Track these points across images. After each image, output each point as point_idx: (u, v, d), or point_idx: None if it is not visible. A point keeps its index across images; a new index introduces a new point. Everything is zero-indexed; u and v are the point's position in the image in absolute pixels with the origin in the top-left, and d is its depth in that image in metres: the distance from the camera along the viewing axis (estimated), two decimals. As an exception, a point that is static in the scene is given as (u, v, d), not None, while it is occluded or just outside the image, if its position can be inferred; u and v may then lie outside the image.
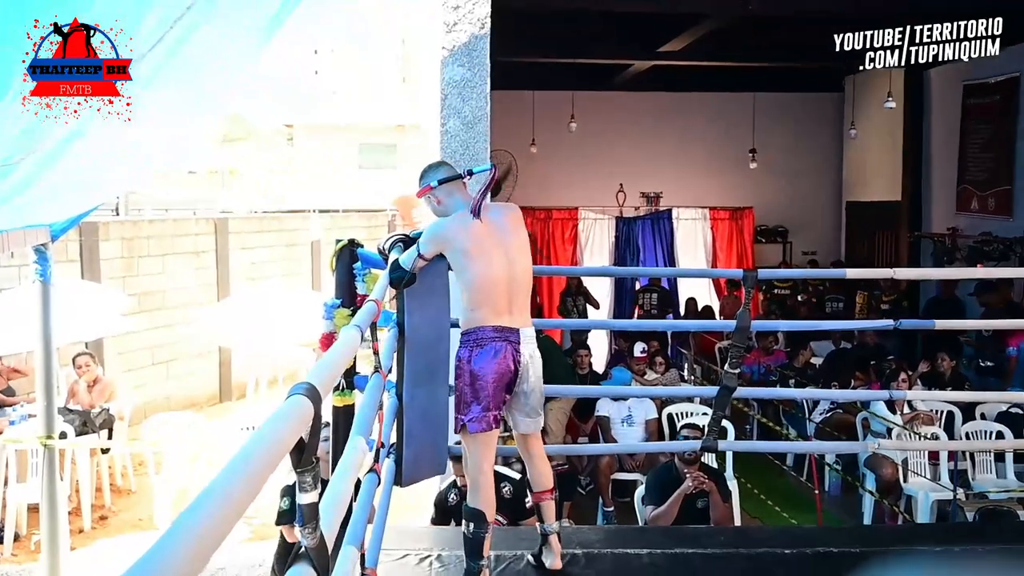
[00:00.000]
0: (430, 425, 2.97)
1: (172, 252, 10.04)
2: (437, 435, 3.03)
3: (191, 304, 10.03)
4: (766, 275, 4.47)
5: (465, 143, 4.71)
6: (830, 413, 6.60)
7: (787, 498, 5.65)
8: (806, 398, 6.70)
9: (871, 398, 5.66)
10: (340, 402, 2.84)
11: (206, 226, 10.72)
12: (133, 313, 8.77)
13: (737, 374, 3.60)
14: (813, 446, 5.81)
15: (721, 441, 4.07)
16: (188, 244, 10.32)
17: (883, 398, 5.27)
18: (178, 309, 9.95)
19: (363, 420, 1.91)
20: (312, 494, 1.15)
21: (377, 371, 2.27)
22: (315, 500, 1.16)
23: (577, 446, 5.95)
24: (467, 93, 4.70)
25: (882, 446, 4.51)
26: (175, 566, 0.73)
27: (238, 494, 0.88)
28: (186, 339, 9.68)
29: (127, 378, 9.12)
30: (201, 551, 0.77)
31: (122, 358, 9.21)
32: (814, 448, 5.81)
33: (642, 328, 7.93)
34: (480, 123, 4.71)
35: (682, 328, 9.33)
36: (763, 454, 6.08)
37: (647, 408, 6.09)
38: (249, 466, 0.94)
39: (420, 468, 2.98)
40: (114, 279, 9.12)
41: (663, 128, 11.02)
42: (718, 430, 3.72)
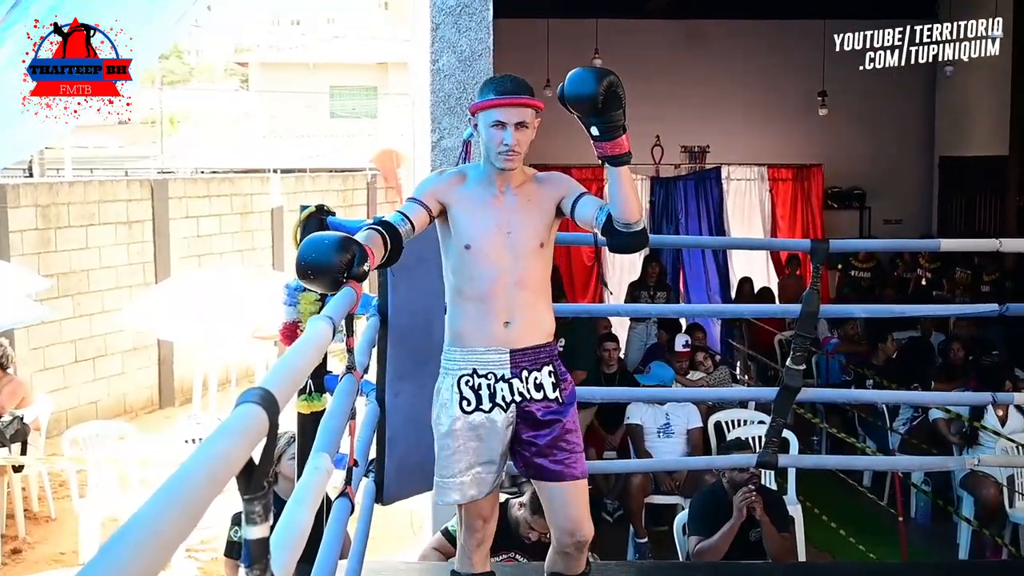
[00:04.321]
0: (418, 428, 2.98)
1: (99, 222, 10.05)
2: (426, 441, 3.03)
3: (122, 287, 10.04)
4: (839, 247, 4.45)
5: (462, 84, 4.69)
6: (918, 420, 6.59)
7: (864, 526, 5.64)
8: (888, 402, 6.69)
9: (969, 402, 5.65)
10: (307, 409, 2.84)
11: (140, 190, 10.73)
12: (51, 298, 8.78)
13: (802, 372, 3.59)
14: (896, 462, 5.80)
15: (782, 455, 4.07)
16: (119, 212, 10.33)
17: (985, 401, 5.25)
18: (107, 293, 9.97)
19: (328, 432, 1.91)
20: (262, 527, 1.14)
21: (350, 371, 2.27)
22: (265, 535, 1.15)
23: (603, 462, 5.94)
24: (464, 22, 4.67)
25: (983, 462, 4.51)
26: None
27: (172, 524, 0.87)
28: (117, 330, 9.71)
29: (44, 378, 9.16)
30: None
31: (37, 354, 9.24)
32: (897, 464, 5.80)
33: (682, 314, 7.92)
34: (481, 59, 4.69)
35: (734, 314, 9.29)
36: (834, 472, 6.07)
37: (689, 415, 6.08)
38: (186, 491, 0.93)
39: (406, 482, 2.99)
40: (26, 256, 9.14)
41: (709, 66, 10.96)
42: (778, 442, 3.71)
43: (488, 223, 2.52)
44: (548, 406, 2.56)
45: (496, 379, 2.53)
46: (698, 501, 4.60)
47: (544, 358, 2.58)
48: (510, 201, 2.54)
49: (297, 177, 14.09)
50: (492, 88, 2.52)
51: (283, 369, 1.44)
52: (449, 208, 2.54)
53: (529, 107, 2.49)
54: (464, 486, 2.53)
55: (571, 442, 2.56)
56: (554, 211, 2.57)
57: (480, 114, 2.52)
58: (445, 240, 2.58)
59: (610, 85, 2.25)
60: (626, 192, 2.39)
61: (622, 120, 2.31)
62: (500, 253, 2.51)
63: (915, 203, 11.38)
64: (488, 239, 2.51)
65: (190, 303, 7.53)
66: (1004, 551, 5.47)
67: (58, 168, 12.65)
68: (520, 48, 9.70)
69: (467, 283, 2.53)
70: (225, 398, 8.73)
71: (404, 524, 5.43)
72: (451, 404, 2.53)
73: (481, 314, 2.52)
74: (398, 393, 2.92)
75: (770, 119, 11.08)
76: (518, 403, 2.55)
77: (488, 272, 2.51)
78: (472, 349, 2.53)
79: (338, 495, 2.24)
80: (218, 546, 6.02)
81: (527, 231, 2.53)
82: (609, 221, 2.44)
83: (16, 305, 7.16)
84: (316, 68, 23.78)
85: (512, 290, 2.52)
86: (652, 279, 9.29)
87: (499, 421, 2.53)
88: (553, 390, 2.57)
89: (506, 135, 2.46)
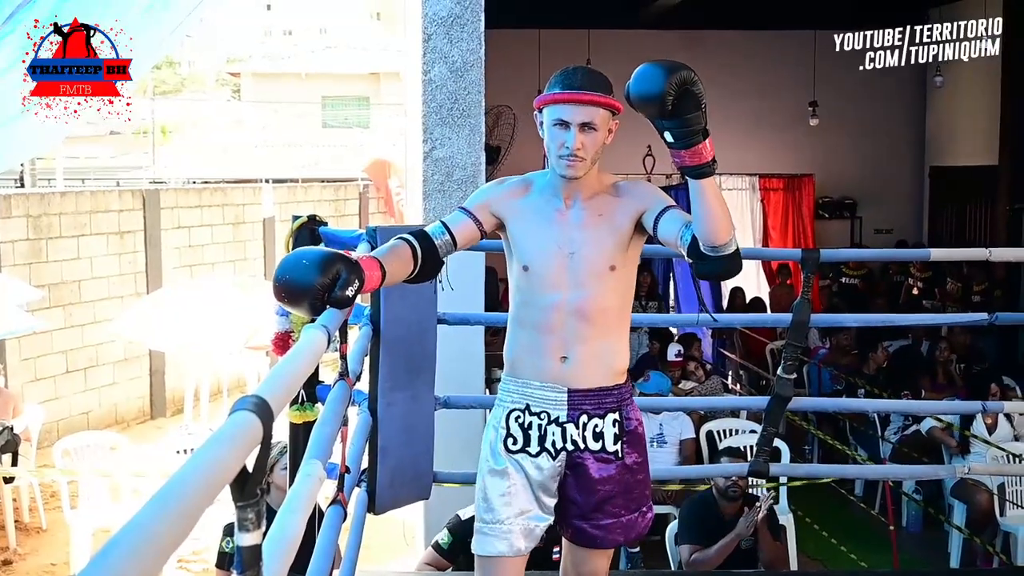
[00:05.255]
0: (411, 438, 2.98)
1: (90, 232, 10.03)
2: (419, 450, 3.04)
3: (114, 297, 10.02)
4: (830, 256, 4.46)
5: (454, 94, 4.70)
6: (910, 430, 6.60)
7: (855, 535, 5.67)
8: (879, 411, 6.70)
9: (959, 411, 5.66)
10: (299, 419, 2.85)
11: (132, 200, 10.71)
12: (42, 308, 8.76)
13: (793, 381, 3.60)
14: (887, 471, 5.81)
15: (773, 464, 4.07)
16: (110, 222, 10.31)
17: (975, 410, 5.26)
18: (98, 303, 9.95)
19: (320, 439, 1.91)
20: (255, 534, 1.14)
21: (342, 378, 2.27)
22: (258, 542, 1.16)
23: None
24: (456, 32, 4.68)
25: (973, 470, 4.52)
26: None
27: (164, 533, 0.88)
28: (109, 341, 9.68)
29: (35, 389, 9.13)
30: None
31: (28, 364, 9.22)
32: (889, 473, 5.81)
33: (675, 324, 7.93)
34: (472, 70, 4.70)
35: (726, 324, 9.30)
36: (826, 481, 6.07)
37: (683, 425, 6.09)
38: (179, 499, 0.94)
39: (398, 491, 2.99)
40: (18, 266, 9.12)
41: (701, 76, 10.92)
42: (770, 451, 3.71)
43: (548, 241, 2.17)
44: (605, 460, 2.20)
45: (549, 420, 2.18)
46: (688, 510, 4.60)
47: (610, 403, 2.21)
48: (576, 216, 2.18)
49: (289, 187, 14.09)
50: (559, 80, 2.15)
51: (277, 377, 1.45)
52: (507, 222, 2.22)
53: (601, 106, 2.11)
54: (512, 536, 2.18)
55: (618, 505, 2.23)
56: (632, 228, 2.20)
57: (544, 110, 2.16)
58: (509, 258, 2.27)
59: (682, 82, 1.91)
60: (712, 209, 1.99)
61: (702, 123, 1.98)
62: (560, 277, 2.16)
63: (906, 213, 11.42)
64: (547, 260, 2.16)
65: (182, 313, 7.52)
66: (995, 559, 5.48)
67: (49, 178, 12.65)
68: (512, 58, 9.73)
69: (523, 309, 2.21)
70: (217, 408, 8.72)
71: (396, 534, 5.42)
72: (497, 440, 2.22)
73: (536, 345, 2.20)
74: (391, 403, 2.93)
75: (761, 129, 11.12)
76: (569, 451, 2.20)
77: (545, 299, 2.17)
78: (527, 382, 2.20)
79: (330, 503, 2.24)
80: (209, 557, 6.01)
81: (593, 251, 2.16)
82: (695, 243, 2.04)
83: (7, 315, 7.15)
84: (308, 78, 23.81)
85: (571, 320, 2.16)
86: (644, 289, 9.30)
87: (545, 469, 2.20)
88: (614, 442, 2.21)
89: (568, 136, 2.10)
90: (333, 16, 33.23)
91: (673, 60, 1.93)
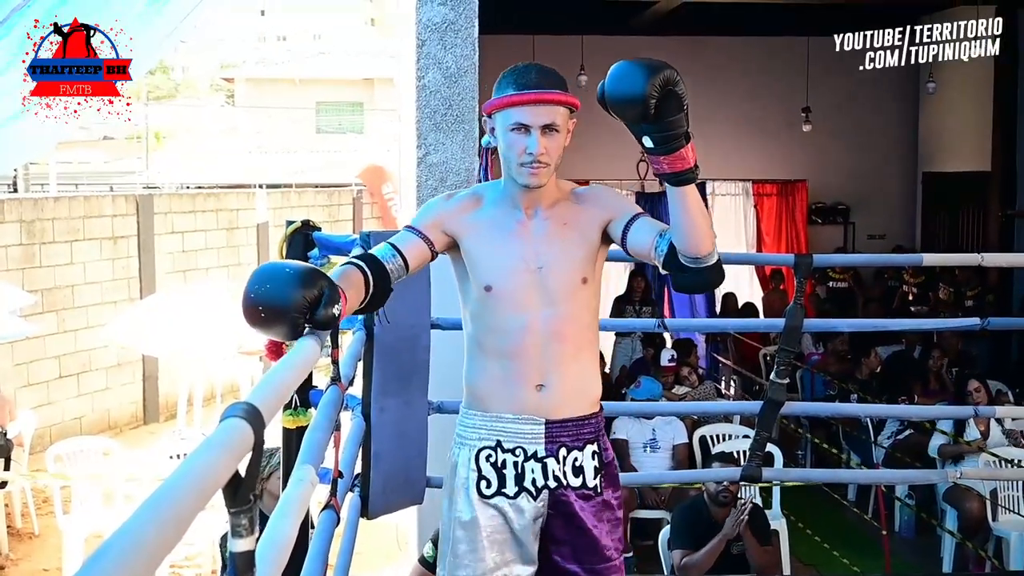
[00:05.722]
0: (404, 443, 2.98)
1: (83, 237, 10.01)
2: (412, 455, 3.04)
3: (107, 302, 10.00)
4: (823, 262, 4.48)
5: (448, 100, 4.70)
6: (903, 435, 6.61)
7: (848, 540, 5.65)
8: (871, 416, 6.71)
9: (951, 416, 5.68)
10: (292, 424, 2.84)
11: (126, 205, 10.70)
12: (35, 313, 8.74)
13: (786, 385, 3.61)
14: (880, 475, 5.83)
15: (766, 469, 4.08)
16: (104, 227, 10.30)
17: (967, 415, 5.28)
18: (91, 308, 9.93)
19: (313, 444, 1.91)
20: (248, 540, 1.15)
21: (334, 383, 2.27)
22: (251, 547, 1.16)
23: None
24: (450, 38, 4.69)
25: (966, 475, 4.53)
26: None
27: (156, 539, 0.88)
28: (102, 346, 9.66)
29: (28, 394, 9.10)
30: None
31: (21, 369, 9.19)
32: (881, 478, 5.82)
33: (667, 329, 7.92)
34: (467, 76, 4.70)
35: (719, 329, 9.33)
36: (818, 486, 6.09)
37: (676, 430, 6.09)
38: (172, 504, 0.94)
39: (392, 497, 2.99)
40: (10, 271, 9.10)
41: (694, 82, 10.91)
42: (762, 455, 3.72)
43: (511, 257, 1.98)
44: (586, 496, 2.01)
45: (526, 456, 1.99)
46: (679, 515, 4.60)
47: (588, 434, 2.04)
48: (539, 227, 1.99)
49: (283, 192, 14.09)
50: (511, 81, 1.97)
51: (269, 384, 1.45)
52: (461, 240, 2.02)
53: (561, 104, 1.96)
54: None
55: (608, 547, 2.02)
56: (599, 237, 2.02)
57: (497, 115, 1.98)
58: (461, 280, 2.07)
59: (666, 82, 1.71)
60: (694, 218, 1.83)
61: (684, 127, 1.76)
62: (528, 295, 1.97)
63: (899, 218, 11.44)
64: (512, 278, 1.98)
65: (175, 319, 7.51)
66: (987, 564, 5.49)
67: (43, 183, 12.63)
68: (506, 64, 9.67)
69: (488, 335, 2.02)
70: (210, 414, 8.70)
71: (389, 539, 5.42)
72: (469, 484, 2.01)
73: (508, 374, 1.99)
74: (383, 409, 2.92)
75: (754, 135, 11.14)
76: (551, 489, 2.00)
77: (513, 321, 1.98)
78: (498, 415, 2.01)
79: (323, 508, 2.24)
80: (202, 563, 6.01)
81: (563, 264, 1.98)
82: (672, 253, 1.88)
83: (1, 321, 7.14)
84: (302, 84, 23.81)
85: (547, 343, 1.98)
86: (637, 294, 9.32)
87: (527, 511, 1.99)
88: (595, 476, 2.02)
89: (530, 141, 1.93)
90: (327, 22, 33.24)
91: (653, 58, 1.76)
